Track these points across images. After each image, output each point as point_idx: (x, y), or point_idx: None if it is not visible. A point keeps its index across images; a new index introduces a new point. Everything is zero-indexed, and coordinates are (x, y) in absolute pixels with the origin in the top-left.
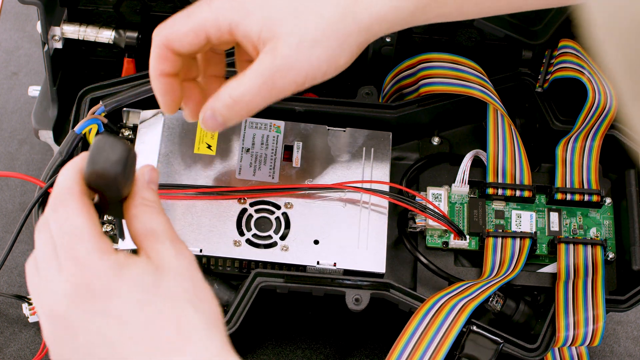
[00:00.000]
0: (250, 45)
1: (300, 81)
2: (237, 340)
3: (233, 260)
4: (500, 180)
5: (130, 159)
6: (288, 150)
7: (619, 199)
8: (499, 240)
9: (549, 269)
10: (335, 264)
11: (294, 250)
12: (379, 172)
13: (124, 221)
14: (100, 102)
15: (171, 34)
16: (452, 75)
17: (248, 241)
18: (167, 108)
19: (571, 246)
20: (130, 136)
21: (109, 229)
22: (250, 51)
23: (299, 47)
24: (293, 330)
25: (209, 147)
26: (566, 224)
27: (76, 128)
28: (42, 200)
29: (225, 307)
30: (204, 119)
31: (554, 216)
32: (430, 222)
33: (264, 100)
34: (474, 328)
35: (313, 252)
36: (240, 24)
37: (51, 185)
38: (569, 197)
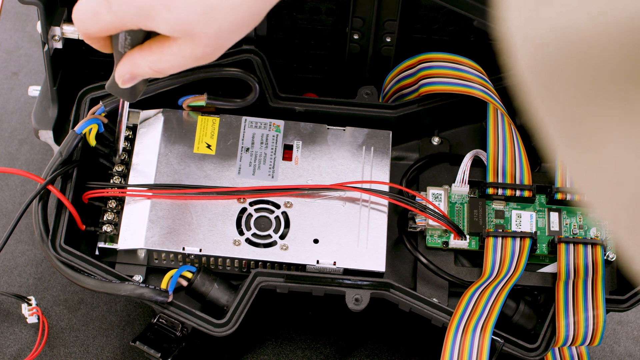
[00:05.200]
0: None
1: (215, 57)
2: (237, 340)
3: (233, 259)
4: (500, 180)
5: None
6: (288, 150)
7: None
8: (499, 240)
9: (549, 269)
10: (335, 263)
11: (294, 250)
12: (379, 171)
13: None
14: (100, 102)
15: (84, 33)
16: (453, 75)
17: (248, 240)
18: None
19: (571, 246)
20: (130, 136)
21: (109, 229)
22: None
23: (218, 37)
24: (293, 330)
25: (209, 146)
26: (566, 224)
27: (76, 128)
28: (42, 199)
29: (225, 307)
30: (124, 81)
31: (554, 216)
32: (430, 222)
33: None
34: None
35: (313, 251)
36: (148, 26)
37: (52, 181)
38: (569, 197)
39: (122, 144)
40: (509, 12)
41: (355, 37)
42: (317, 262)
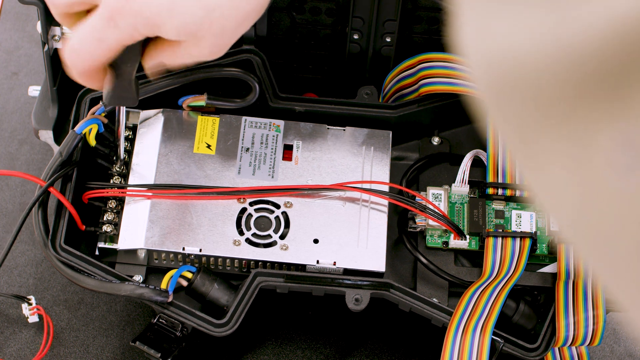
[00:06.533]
0: None
1: (222, 54)
2: (237, 340)
3: (233, 259)
4: (500, 180)
5: None
6: (288, 150)
7: None
8: (499, 240)
9: (549, 269)
10: (335, 263)
11: (294, 250)
12: (379, 171)
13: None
14: (100, 102)
15: (91, 65)
16: (453, 74)
17: (248, 240)
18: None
19: (571, 246)
20: (130, 136)
21: (109, 229)
22: None
23: (223, 36)
24: (293, 330)
25: (209, 146)
26: None
27: (76, 128)
28: (42, 200)
29: (225, 307)
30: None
31: None
32: (430, 222)
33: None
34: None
35: (313, 251)
36: (155, 34)
37: (51, 185)
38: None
39: (122, 147)
40: (464, 26)
41: (355, 37)
42: (317, 262)
